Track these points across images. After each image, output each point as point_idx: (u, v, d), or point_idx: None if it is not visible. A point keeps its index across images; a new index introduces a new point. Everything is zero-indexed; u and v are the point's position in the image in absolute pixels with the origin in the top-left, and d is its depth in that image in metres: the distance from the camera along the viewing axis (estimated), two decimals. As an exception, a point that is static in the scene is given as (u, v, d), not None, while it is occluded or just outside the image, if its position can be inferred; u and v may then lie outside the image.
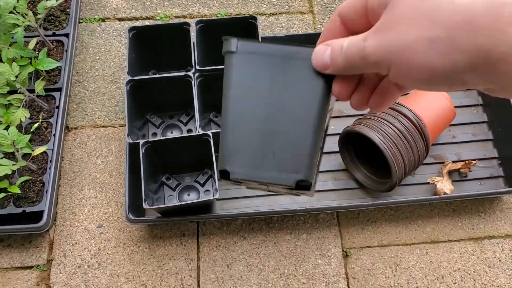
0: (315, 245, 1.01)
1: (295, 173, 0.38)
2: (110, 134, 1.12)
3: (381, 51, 0.31)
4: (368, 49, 0.32)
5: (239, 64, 0.38)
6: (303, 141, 0.38)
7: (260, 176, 0.39)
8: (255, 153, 0.39)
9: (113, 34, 1.23)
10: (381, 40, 0.32)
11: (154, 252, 1.00)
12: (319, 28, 1.25)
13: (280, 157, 0.38)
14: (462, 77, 0.30)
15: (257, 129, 0.38)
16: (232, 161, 0.39)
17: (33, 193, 0.98)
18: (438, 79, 0.30)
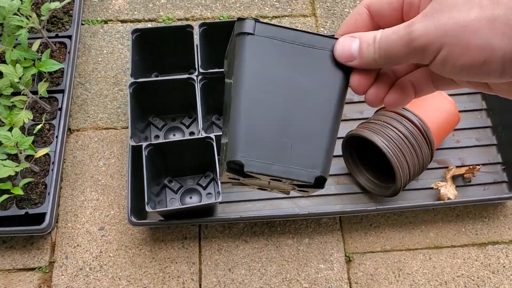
0: (318, 249, 1.00)
1: (314, 169, 0.35)
2: (112, 137, 1.11)
3: (434, 32, 0.29)
4: (416, 32, 0.30)
5: (255, 47, 0.35)
6: (320, 135, 0.36)
7: (277, 170, 0.35)
8: (271, 144, 0.35)
9: (115, 36, 1.23)
10: (433, 22, 0.30)
11: (156, 255, 1.00)
12: (321, 31, 1.25)
13: (298, 150, 0.35)
14: None
15: (273, 119, 0.35)
16: (247, 151, 0.34)
17: (36, 195, 0.97)
18: (493, 63, 0.29)
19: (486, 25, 0.28)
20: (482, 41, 0.28)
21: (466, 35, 0.28)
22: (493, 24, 0.28)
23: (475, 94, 1.15)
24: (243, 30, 0.35)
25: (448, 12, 0.29)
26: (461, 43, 0.29)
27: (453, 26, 0.29)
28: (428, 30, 0.30)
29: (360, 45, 0.34)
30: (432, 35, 0.30)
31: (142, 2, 1.28)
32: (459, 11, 0.29)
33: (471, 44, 0.28)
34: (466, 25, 0.28)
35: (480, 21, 0.28)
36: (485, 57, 0.28)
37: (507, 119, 1.07)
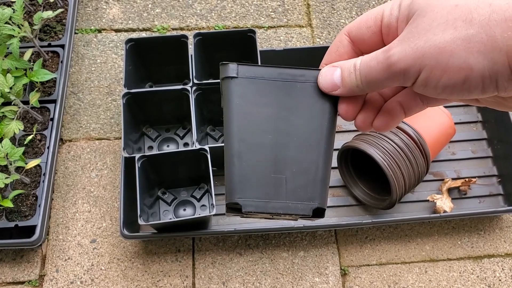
0: (313, 262, 0.99)
1: (311, 201, 0.36)
2: (105, 147, 1.10)
3: (412, 56, 0.30)
4: (394, 57, 0.31)
5: (240, 89, 0.36)
6: (315, 166, 0.36)
7: (274, 207, 0.36)
8: (266, 182, 0.36)
9: (109, 46, 1.22)
10: (410, 46, 0.30)
11: (149, 269, 0.98)
12: (317, 42, 1.24)
13: (293, 185, 0.36)
14: (497, 80, 0.29)
15: (265, 157, 0.36)
16: (242, 192, 0.36)
17: (26, 207, 0.96)
18: (473, 81, 0.29)
19: (461, 45, 0.28)
20: (460, 61, 0.29)
21: (444, 56, 0.29)
22: (468, 44, 0.28)
23: (470, 107, 1.14)
24: (227, 75, 0.36)
25: (424, 35, 0.30)
26: (439, 64, 0.29)
27: (430, 48, 0.29)
28: (406, 54, 0.30)
29: (341, 73, 0.35)
30: (410, 58, 0.30)
31: (137, 12, 1.27)
32: (435, 33, 0.29)
33: (449, 65, 0.29)
34: (443, 47, 0.29)
35: (455, 42, 0.29)
36: (464, 76, 0.29)
37: (502, 131, 1.07)
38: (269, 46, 1.23)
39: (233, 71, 0.36)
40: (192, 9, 1.28)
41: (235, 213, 0.37)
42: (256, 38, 1.04)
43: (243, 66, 0.36)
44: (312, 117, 0.36)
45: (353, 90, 0.35)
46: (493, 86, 0.29)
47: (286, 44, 1.23)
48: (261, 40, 1.24)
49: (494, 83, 0.29)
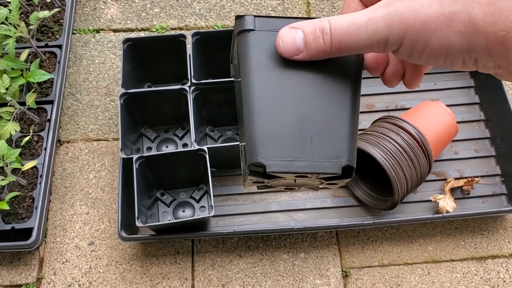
0: (314, 264, 0.98)
1: (339, 159, 0.34)
2: (104, 148, 1.09)
3: (397, 27, 0.30)
4: (378, 25, 0.30)
5: (258, 43, 0.34)
6: (340, 124, 0.34)
7: (300, 167, 0.33)
8: (290, 141, 0.33)
9: (107, 46, 1.21)
10: (396, 13, 0.29)
11: (147, 271, 0.97)
12: (318, 41, 1.23)
13: (319, 143, 0.34)
14: (476, 58, 0.29)
15: (288, 114, 0.34)
16: (266, 152, 0.33)
17: (23, 209, 0.94)
18: (454, 57, 0.30)
19: (444, 23, 0.28)
20: (441, 39, 0.29)
21: (427, 32, 0.29)
22: (451, 22, 0.28)
23: (472, 105, 1.13)
24: (244, 28, 0.34)
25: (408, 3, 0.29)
26: (422, 39, 0.29)
27: (414, 22, 0.29)
28: (390, 23, 0.30)
29: (305, 37, 0.33)
30: (394, 29, 0.30)
31: (135, 11, 1.26)
32: (419, 4, 0.29)
33: (431, 41, 0.29)
34: (427, 22, 0.29)
35: (439, 18, 0.28)
36: (446, 52, 0.30)
37: (505, 130, 1.05)
38: (268, 45, 1.21)
39: (250, 24, 0.34)
40: (191, 9, 1.27)
41: (257, 177, 0.34)
42: (255, 37, 1.03)
43: (260, 18, 0.34)
44: (336, 71, 0.34)
45: (319, 55, 0.33)
46: (472, 63, 0.30)
47: (286, 43, 1.22)
48: (261, 39, 1.22)
49: (473, 60, 0.30)
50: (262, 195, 1.03)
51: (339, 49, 0.32)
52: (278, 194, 1.03)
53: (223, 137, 1.08)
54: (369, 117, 1.11)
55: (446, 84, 1.15)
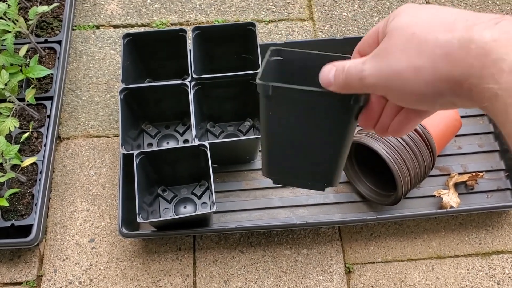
0: (316, 260, 0.97)
1: (324, 181, 0.47)
2: (104, 145, 1.08)
3: (378, 75, 0.36)
4: (365, 73, 0.37)
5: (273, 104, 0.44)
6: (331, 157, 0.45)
7: (298, 184, 0.49)
8: (292, 168, 0.48)
9: (107, 42, 1.20)
10: (377, 66, 0.36)
11: (149, 268, 0.96)
12: (319, 35, 1.22)
13: (312, 169, 0.47)
14: (449, 100, 0.34)
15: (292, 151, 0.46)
16: (274, 174, 0.49)
17: (22, 206, 0.94)
18: (428, 102, 0.35)
19: (414, 74, 0.34)
20: (413, 87, 0.34)
21: (401, 81, 0.35)
22: (419, 72, 0.34)
23: (476, 99, 1.12)
24: (263, 94, 0.43)
25: (388, 57, 0.35)
26: (398, 88, 0.35)
27: (391, 72, 0.35)
28: (374, 72, 0.36)
29: (335, 72, 0.40)
30: (376, 77, 0.36)
31: (135, 7, 1.25)
32: (396, 58, 0.35)
33: (406, 89, 0.35)
34: (401, 73, 0.34)
35: (409, 70, 0.34)
36: (417, 98, 0.35)
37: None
38: (270, 40, 1.20)
39: (267, 91, 0.42)
40: (192, 4, 1.26)
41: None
42: (256, 32, 1.02)
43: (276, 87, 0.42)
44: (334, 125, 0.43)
45: (341, 88, 0.39)
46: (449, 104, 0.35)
47: (288, 38, 1.21)
48: (262, 34, 1.21)
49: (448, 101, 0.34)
50: (264, 191, 1.02)
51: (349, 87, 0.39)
52: (280, 190, 1.02)
53: (224, 133, 1.07)
54: (372, 112, 1.09)
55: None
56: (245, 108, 1.06)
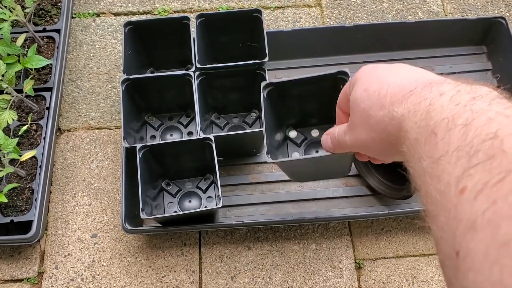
0: (326, 256, 0.94)
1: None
2: (106, 137, 1.04)
3: (354, 144, 0.48)
4: (347, 142, 0.49)
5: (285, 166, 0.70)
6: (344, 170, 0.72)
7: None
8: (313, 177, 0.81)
9: (108, 30, 1.16)
10: (352, 137, 0.48)
11: (153, 264, 0.93)
12: (327, 22, 1.18)
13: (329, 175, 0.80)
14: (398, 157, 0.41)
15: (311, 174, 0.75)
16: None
17: (22, 201, 0.91)
18: (385, 157, 0.48)
19: (371, 142, 0.44)
20: (373, 150, 0.46)
21: (366, 147, 0.46)
22: (374, 141, 0.44)
23: (490, 88, 1.08)
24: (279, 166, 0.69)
25: (356, 129, 0.46)
26: (366, 150, 0.47)
27: (360, 142, 0.46)
28: (351, 143, 0.48)
29: (331, 140, 0.54)
30: (354, 145, 0.48)
31: (136, -6, 1.21)
32: (360, 131, 0.45)
33: (370, 150, 0.47)
34: (364, 142, 0.45)
35: (368, 140, 0.44)
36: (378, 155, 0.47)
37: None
38: (276, 27, 1.16)
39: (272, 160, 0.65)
40: (195, -10, 1.21)
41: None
42: (262, 19, 0.98)
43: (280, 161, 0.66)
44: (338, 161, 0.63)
45: (337, 150, 0.54)
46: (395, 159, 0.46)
47: (295, 25, 1.17)
48: (268, 21, 1.17)
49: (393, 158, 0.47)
50: (271, 184, 0.99)
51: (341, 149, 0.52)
52: (288, 184, 0.98)
53: (229, 124, 1.04)
54: (382, 102, 1.06)
55: (462, 67, 1.10)
56: (251, 99, 1.02)
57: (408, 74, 0.42)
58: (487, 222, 0.24)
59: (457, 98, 0.33)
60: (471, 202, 0.26)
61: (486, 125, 0.29)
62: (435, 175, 0.30)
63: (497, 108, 0.30)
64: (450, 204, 0.28)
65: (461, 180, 0.27)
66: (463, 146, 0.29)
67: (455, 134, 0.30)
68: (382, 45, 1.10)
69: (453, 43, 1.12)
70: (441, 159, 0.30)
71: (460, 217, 0.26)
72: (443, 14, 1.19)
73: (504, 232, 0.23)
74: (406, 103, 0.38)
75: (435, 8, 1.19)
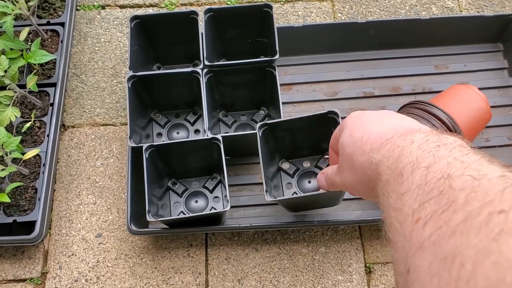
0: (335, 259, 0.92)
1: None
2: (111, 134, 1.02)
3: (343, 185, 0.54)
4: (337, 182, 0.56)
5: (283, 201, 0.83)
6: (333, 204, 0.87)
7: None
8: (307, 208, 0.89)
9: (113, 23, 1.13)
10: (341, 179, 0.54)
11: (159, 265, 0.91)
12: (339, 17, 1.14)
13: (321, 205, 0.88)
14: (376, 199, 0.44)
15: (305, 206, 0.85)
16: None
17: (25, 200, 0.88)
18: (368, 197, 0.50)
19: (357, 184, 0.50)
20: (358, 191, 0.51)
21: (352, 187, 0.52)
22: (359, 183, 0.49)
23: (506, 88, 1.05)
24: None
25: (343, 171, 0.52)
26: (352, 190, 0.53)
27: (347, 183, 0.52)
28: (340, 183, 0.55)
29: (325, 180, 0.62)
30: (343, 185, 0.54)
31: (142, -15, 1.17)
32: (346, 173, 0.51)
33: (355, 191, 0.52)
34: (351, 184, 0.51)
35: (354, 182, 0.50)
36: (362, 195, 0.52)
37: (543, 115, 0.97)
38: (286, 22, 1.13)
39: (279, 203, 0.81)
40: (202, -18, 1.18)
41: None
42: (273, 14, 0.95)
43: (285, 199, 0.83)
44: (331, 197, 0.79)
45: (332, 188, 0.63)
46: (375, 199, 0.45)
47: (305, 20, 1.13)
48: (277, 16, 1.14)
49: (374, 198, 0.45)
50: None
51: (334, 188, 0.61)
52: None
53: (237, 122, 1.01)
54: (395, 100, 1.03)
55: (477, 66, 1.07)
56: (259, 96, 1.00)
57: (389, 122, 0.48)
58: (432, 243, 0.30)
59: (425, 145, 0.38)
60: (422, 228, 0.31)
61: (444, 167, 0.34)
62: (398, 208, 0.36)
63: (456, 154, 0.35)
64: (407, 231, 0.33)
65: (416, 212, 0.33)
66: (422, 184, 0.34)
67: (418, 175, 0.35)
68: (395, 42, 1.07)
69: (468, 40, 1.08)
70: (404, 195, 0.36)
71: (413, 241, 0.31)
72: (458, 9, 1.15)
73: (444, 250, 0.28)
74: (382, 150, 0.43)
75: (450, 4, 1.16)
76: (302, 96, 1.04)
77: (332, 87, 1.05)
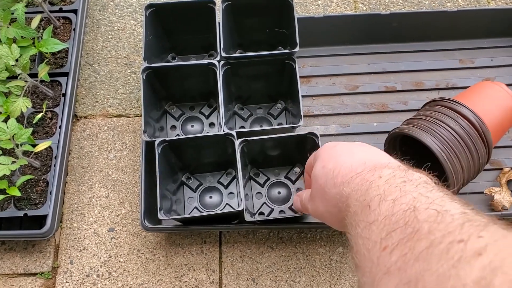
0: (353, 260, 0.89)
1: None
2: (124, 125, 0.99)
3: (314, 213, 0.58)
4: (309, 210, 0.59)
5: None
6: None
7: None
8: None
9: (127, 11, 1.09)
10: (313, 207, 0.57)
11: (172, 261, 0.89)
12: (360, 8, 1.10)
13: None
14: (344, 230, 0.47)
15: None
16: None
17: (36, 193, 0.86)
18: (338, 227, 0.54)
19: (328, 214, 0.53)
20: (329, 221, 0.55)
21: (323, 218, 0.56)
22: (330, 214, 0.53)
23: (534, 84, 1.00)
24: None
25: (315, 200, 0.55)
26: (323, 220, 0.56)
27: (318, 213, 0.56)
28: (312, 211, 0.59)
29: (300, 203, 0.67)
30: (314, 214, 0.58)
31: (157, -29, 1.14)
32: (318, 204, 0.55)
33: (327, 221, 0.56)
34: (322, 214, 0.55)
35: (325, 213, 0.54)
36: (333, 225, 0.56)
37: None
38: (305, 12, 1.09)
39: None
40: (219, -31, 1.14)
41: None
42: (292, 3, 0.91)
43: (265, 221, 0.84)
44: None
45: (305, 212, 0.67)
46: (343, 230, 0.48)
47: (325, 9, 1.09)
48: (297, 5, 1.10)
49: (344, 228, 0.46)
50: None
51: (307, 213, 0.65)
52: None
53: (253, 116, 0.98)
54: (417, 96, 0.99)
55: (504, 61, 1.03)
56: (277, 89, 0.96)
57: (359, 155, 0.50)
58: (397, 268, 0.32)
59: (392, 180, 0.41)
60: (389, 255, 0.34)
61: (410, 201, 0.37)
62: (366, 237, 0.38)
63: (421, 190, 0.38)
64: (374, 257, 0.35)
65: (384, 240, 0.35)
66: (389, 215, 0.37)
67: (384, 206, 0.38)
68: (419, 35, 1.03)
69: (496, 33, 1.04)
70: (372, 224, 0.38)
71: (380, 266, 0.34)
72: (485, 0, 1.10)
73: (408, 274, 0.31)
74: (352, 183, 0.46)
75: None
76: (322, 89, 1.01)
77: (353, 80, 1.02)
